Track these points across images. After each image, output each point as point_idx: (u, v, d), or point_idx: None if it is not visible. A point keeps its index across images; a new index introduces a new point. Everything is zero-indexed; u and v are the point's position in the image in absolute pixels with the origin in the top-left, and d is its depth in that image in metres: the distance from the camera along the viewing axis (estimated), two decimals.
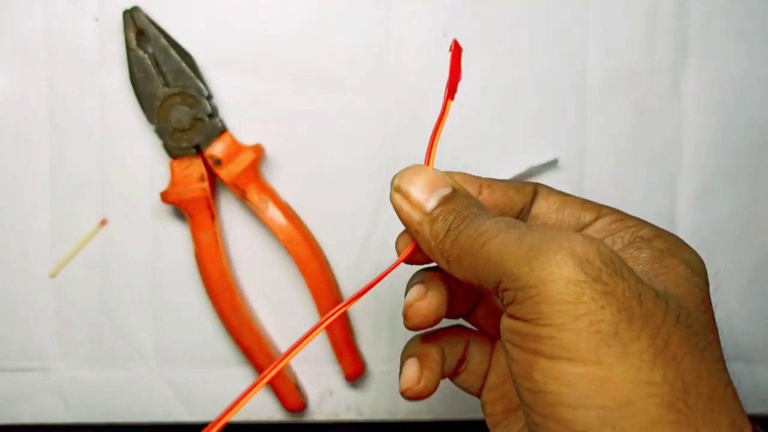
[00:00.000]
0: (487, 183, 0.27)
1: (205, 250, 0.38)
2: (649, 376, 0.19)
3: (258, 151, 0.38)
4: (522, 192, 0.27)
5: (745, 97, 0.40)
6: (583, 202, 0.27)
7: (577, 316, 0.19)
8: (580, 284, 0.19)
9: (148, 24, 0.37)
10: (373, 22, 0.39)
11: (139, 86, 0.37)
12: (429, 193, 0.25)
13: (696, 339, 0.20)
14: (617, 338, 0.19)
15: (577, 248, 0.20)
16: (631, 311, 0.19)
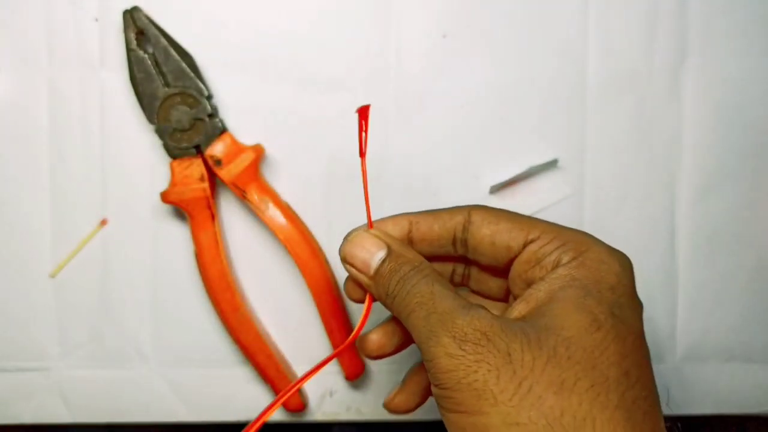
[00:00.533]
0: (415, 220, 0.30)
1: (205, 250, 0.38)
2: (516, 418, 0.24)
3: (258, 151, 0.38)
4: (450, 222, 0.30)
5: (745, 97, 0.40)
6: (513, 225, 0.29)
7: (458, 380, 0.25)
8: (458, 357, 0.25)
9: (148, 24, 0.37)
10: (373, 23, 0.39)
11: (139, 86, 0.37)
12: (368, 260, 0.29)
13: (568, 374, 0.24)
14: (489, 392, 0.24)
15: (458, 330, 0.25)
16: (499, 369, 0.24)
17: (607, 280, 0.27)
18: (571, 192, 0.40)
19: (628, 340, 0.25)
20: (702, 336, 0.41)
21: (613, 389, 0.24)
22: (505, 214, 0.30)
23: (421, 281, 0.27)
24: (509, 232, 0.29)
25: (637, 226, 0.41)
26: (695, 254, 0.41)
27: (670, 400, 0.42)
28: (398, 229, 0.30)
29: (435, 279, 0.28)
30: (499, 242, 0.29)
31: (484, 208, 0.30)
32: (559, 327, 0.25)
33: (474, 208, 0.30)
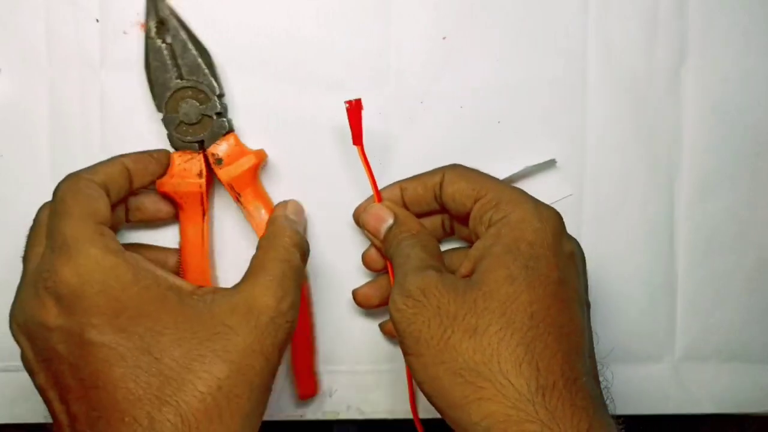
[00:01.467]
0: (404, 186, 0.37)
1: (190, 245, 0.38)
2: (442, 358, 0.29)
3: (260, 156, 0.38)
4: (430, 183, 0.36)
5: (744, 97, 0.40)
6: (468, 185, 0.35)
7: (403, 329, 0.31)
8: (402, 310, 0.31)
9: (170, 15, 0.37)
10: (373, 24, 0.39)
11: (152, 74, 0.38)
12: (379, 226, 0.36)
13: (481, 321, 0.29)
14: (423, 338, 0.30)
15: (406, 288, 0.31)
16: (430, 320, 0.30)
17: (525, 236, 0.31)
18: (571, 192, 0.40)
19: (538, 289, 0.30)
20: (701, 336, 0.41)
21: (517, 330, 0.29)
22: (469, 174, 0.36)
23: (408, 246, 0.34)
24: (464, 191, 0.35)
25: (637, 226, 0.41)
26: (695, 254, 0.41)
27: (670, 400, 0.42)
28: (393, 198, 0.37)
29: (419, 244, 0.34)
30: (458, 199, 0.35)
31: (456, 168, 0.36)
32: (482, 282, 0.30)
33: (448, 168, 0.36)
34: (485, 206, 0.33)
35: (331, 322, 0.41)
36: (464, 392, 0.29)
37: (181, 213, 0.38)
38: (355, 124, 0.35)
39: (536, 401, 0.28)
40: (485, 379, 0.28)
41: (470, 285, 0.30)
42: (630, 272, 0.41)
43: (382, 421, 0.41)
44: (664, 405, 0.42)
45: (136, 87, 0.39)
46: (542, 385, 0.28)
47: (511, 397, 0.28)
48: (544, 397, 0.28)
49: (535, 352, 0.29)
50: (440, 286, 0.31)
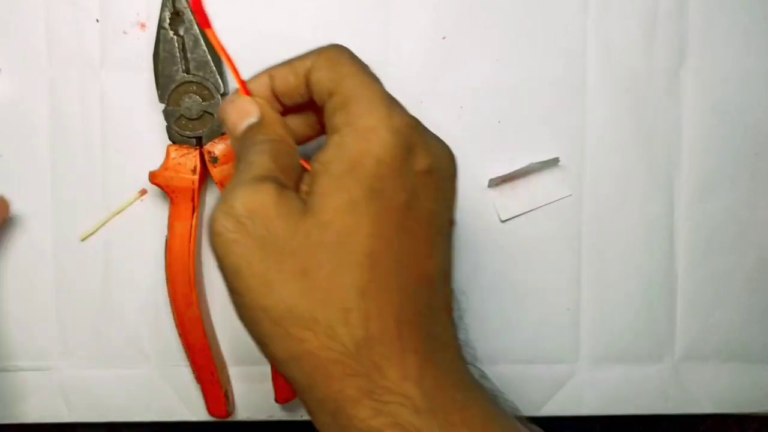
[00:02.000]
0: (273, 73, 0.30)
1: (177, 240, 0.38)
2: (263, 302, 0.25)
3: None
4: (299, 71, 0.29)
5: (744, 97, 0.40)
6: (327, 75, 0.28)
7: (221, 258, 0.26)
8: (221, 233, 0.25)
9: (186, 8, 0.37)
10: (373, 24, 0.39)
11: (159, 65, 0.37)
12: (239, 121, 0.30)
13: (311, 262, 0.25)
14: (251, 268, 0.25)
15: (230, 202, 0.25)
16: (251, 255, 0.25)
17: (372, 150, 0.26)
18: (571, 191, 0.40)
19: (383, 218, 0.25)
20: (701, 336, 0.41)
21: (352, 270, 0.25)
22: (339, 60, 0.28)
23: (257, 151, 0.28)
24: (323, 81, 0.28)
25: (637, 226, 0.41)
26: (695, 254, 0.41)
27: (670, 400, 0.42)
28: (262, 87, 0.30)
29: (270, 151, 0.28)
30: (317, 91, 0.29)
31: (333, 49, 0.29)
32: (318, 208, 0.25)
33: (323, 49, 0.29)
34: (335, 105, 0.28)
35: None
36: (287, 345, 0.25)
37: (171, 206, 0.38)
38: (195, 4, 0.30)
39: (362, 353, 0.24)
40: (308, 329, 0.25)
41: (305, 212, 0.26)
42: (630, 272, 0.41)
43: None
44: (664, 405, 0.42)
45: (136, 87, 0.39)
46: (371, 335, 0.24)
47: (336, 349, 0.24)
48: (371, 347, 0.24)
49: (370, 296, 0.25)
50: (272, 207, 0.25)
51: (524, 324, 0.41)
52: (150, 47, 0.38)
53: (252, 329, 0.26)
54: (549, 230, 0.40)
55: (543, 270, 0.41)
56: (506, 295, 0.41)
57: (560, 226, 0.40)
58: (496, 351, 0.41)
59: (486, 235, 0.40)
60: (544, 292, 0.41)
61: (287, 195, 0.26)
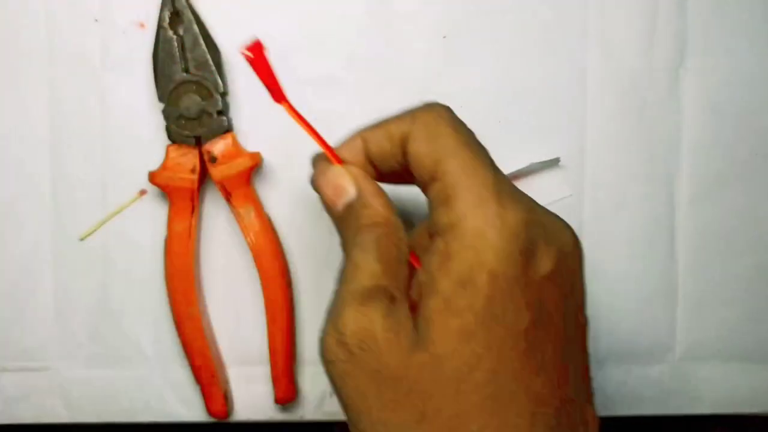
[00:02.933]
0: (366, 137, 0.28)
1: (176, 240, 0.38)
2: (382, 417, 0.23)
3: (255, 159, 0.38)
4: (395, 136, 0.27)
5: (744, 97, 0.40)
6: (430, 150, 0.25)
7: (336, 384, 0.24)
8: (335, 363, 0.24)
9: (185, 7, 0.37)
10: (373, 23, 0.39)
11: (158, 64, 0.37)
12: (336, 200, 0.28)
13: (428, 406, 0.22)
14: (355, 404, 0.24)
15: (342, 325, 0.24)
16: (366, 388, 0.23)
17: (485, 263, 0.22)
18: (571, 192, 0.40)
19: (506, 346, 0.22)
20: (702, 336, 0.41)
21: (474, 417, 0.22)
22: (440, 127, 0.25)
23: (360, 244, 0.26)
24: (424, 159, 0.25)
25: (637, 226, 0.41)
26: (695, 254, 0.41)
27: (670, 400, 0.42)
28: (355, 153, 0.28)
29: (374, 247, 0.25)
30: (416, 170, 0.26)
31: (431, 112, 0.26)
32: (429, 339, 0.22)
33: (420, 112, 0.26)
34: (437, 196, 0.24)
35: None
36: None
37: (170, 206, 0.38)
38: (266, 76, 0.28)
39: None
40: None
41: (417, 341, 0.23)
42: (630, 272, 0.41)
43: None
44: (664, 405, 0.42)
45: (136, 87, 0.39)
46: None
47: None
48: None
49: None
50: (383, 335, 0.23)
51: None
52: (149, 47, 0.38)
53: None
54: None
55: None
56: None
57: None
58: None
59: None
60: None
61: (397, 314, 0.24)
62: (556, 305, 0.23)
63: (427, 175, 0.25)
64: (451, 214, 0.23)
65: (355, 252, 0.25)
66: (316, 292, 0.40)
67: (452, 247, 0.23)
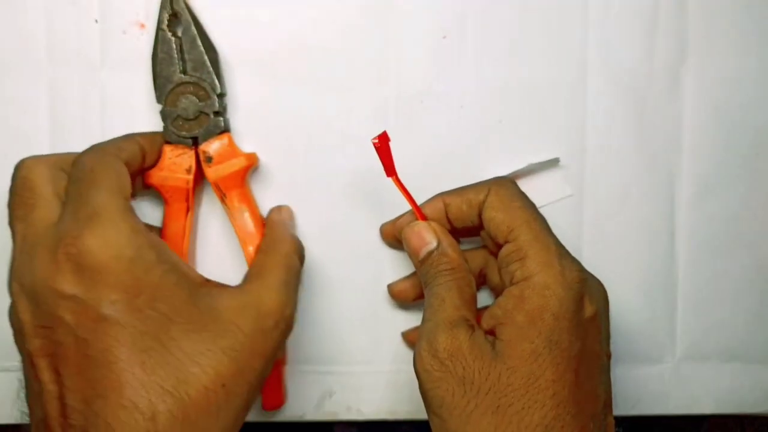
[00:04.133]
0: (448, 201, 0.36)
1: (170, 240, 0.38)
2: (464, 428, 0.30)
3: (251, 159, 0.38)
4: (473, 202, 0.35)
5: (745, 97, 0.41)
6: (506, 217, 0.33)
7: (427, 389, 0.31)
8: (428, 371, 0.31)
9: (184, 9, 0.37)
10: (374, 23, 0.39)
11: (157, 66, 0.37)
12: (420, 248, 0.35)
13: (504, 400, 0.29)
14: (446, 405, 0.30)
15: (435, 345, 0.31)
16: (454, 390, 0.30)
17: (550, 306, 0.30)
18: (571, 192, 0.40)
19: (561, 365, 0.30)
20: (702, 336, 0.41)
21: (538, 410, 0.29)
22: (509, 203, 0.34)
23: (444, 284, 0.33)
24: (500, 224, 0.33)
25: (637, 226, 0.41)
26: (695, 254, 0.41)
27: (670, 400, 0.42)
28: (436, 212, 0.36)
29: (455, 287, 0.33)
30: (492, 230, 0.34)
31: (501, 188, 0.34)
32: (507, 355, 0.30)
33: (494, 186, 0.35)
34: (512, 255, 0.33)
35: (329, 323, 0.41)
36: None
37: (166, 207, 0.38)
38: (385, 158, 0.34)
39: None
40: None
41: (495, 356, 0.30)
42: (630, 272, 0.41)
43: (382, 422, 0.41)
44: (664, 405, 0.42)
45: (136, 87, 0.39)
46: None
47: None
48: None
49: (554, 431, 0.29)
50: (468, 351, 0.30)
51: None
52: (149, 47, 0.38)
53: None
54: None
55: None
56: None
57: (561, 226, 0.40)
58: None
59: None
60: None
61: (478, 338, 0.31)
62: (594, 339, 0.32)
63: (502, 238, 0.33)
64: (524, 269, 0.32)
65: (440, 290, 0.33)
66: (309, 292, 0.40)
67: (525, 293, 0.31)
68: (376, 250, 0.40)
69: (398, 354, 0.41)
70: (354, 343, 0.41)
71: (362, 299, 0.40)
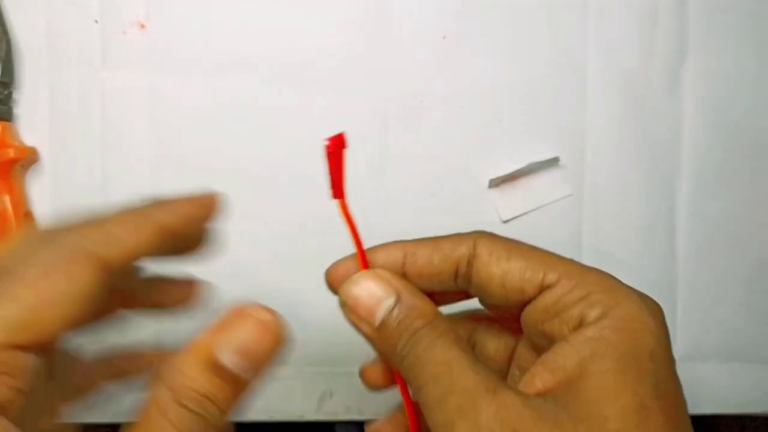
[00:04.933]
0: (411, 250, 0.26)
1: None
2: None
3: (22, 153, 0.38)
4: (453, 255, 0.26)
5: (744, 97, 0.41)
6: (527, 264, 0.25)
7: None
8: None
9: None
10: (374, 23, 0.39)
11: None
12: (374, 307, 0.25)
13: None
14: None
15: (482, 424, 0.21)
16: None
17: (644, 344, 0.23)
18: (571, 191, 0.40)
19: (674, 421, 0.22)
20: (702, 336, 0.41)
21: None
22: (517, 247, 0.25)
23: (436, 344, 0.24)
24: (522, 273, 0.25)
25: (637, 226, 0.41)
26: (695, 254, 0.41)
27: None
28: (391, 261, 0.26)
29: (453, 341, 0.24)
30: (511, 284, 0.25)
31: (492, 238, 0.26)
32: (602, 417, 0.21)
33: (480, 237, 0.26)
34: (567, 297, 0.24)
35: (328, 323, 0.41)
36: None
37: None
38: (335, 169, 0.26)
39: None
40: None
41: (582, 420, 0.21)
42: (630, 272, 0.41)
43: None
44: None
45: (136, 87, 0.39)
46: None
47: None
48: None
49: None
50: (537, 420, 0.21)
51: None
52: (149, 47, 0.38)
53: None
54: (549, 230, 0.40)
55: None
56: None
57: (561, 225, 0.40)
58: None
59: None
60: None
61: (535, 402, 0.22)
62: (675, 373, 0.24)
63: (532, 288, 0.24)
64: (596, 307, 0.23)
65: (433, 354, 0.23)
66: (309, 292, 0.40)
67: (607, 334, 0.23)
68: None
69: None
70: (354, 343, 0.41)
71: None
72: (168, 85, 0.39)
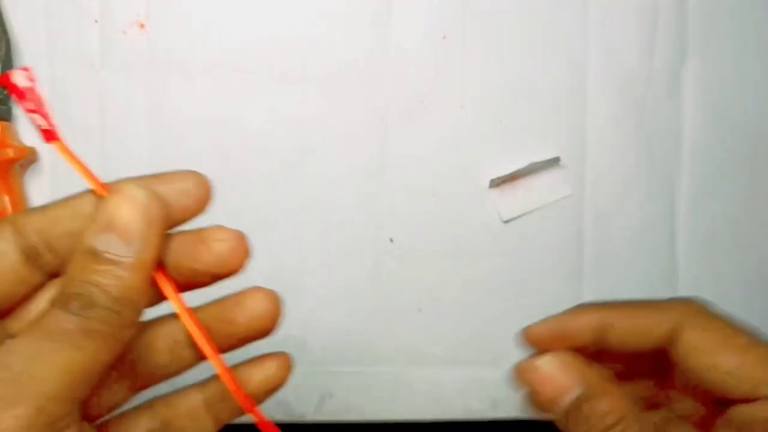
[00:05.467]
0: (609, 321, 0.24)
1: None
2: None
3: (21, 152, 0.37)
4: (654, 332, 0.24)
5: (744, 97, 0.41)
6: (744, 360, 0.23)
7: None
8: None
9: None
10: (374, 23, 0.39)
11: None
12: (557, 397, 0.23)
13: None
14: None
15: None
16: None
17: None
18: (571, 191, 0.40)
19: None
20: None
21: None
22: (732, 336, 0.23)
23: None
24: (739, 372, 0.22)
25: (637, 226, 0.41)
26: (695, 254, 0.41)
27: None
28: (588, 333, 0.25)
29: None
30: (713, 381, 0.23)
31: (702, 318, 0.24)
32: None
33: (687, 316, 0.24)
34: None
35: (328, 324, 0.41)
36: None
37: None
38: (37, 109, 0.23)
39: None
40: None
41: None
42: (630, 272, 0.41)
43: (382, 423, 0.41)
44: None
45: (136, 87, 0.39)
46: None
47: None
48: None
49: None
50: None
51: (525, 324, 0.41)
52: (149, 47, 0.38)
53: None
54: (550, 230, 0.40)
55: (544, 270, 0.40)
56: (508, 295, 0.41)
57: (561, 225, 0.40)
58: (498, 351, 0.41)
59: (487, 236, 0.40)
60: (545, 292, 0.41)
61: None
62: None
63: (740, 393, 0.23)
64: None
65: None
66: (309, 292, 0.40)
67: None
68: (376, 248, 0.40)
69: (397, 354, 0.41)
70: (354, 343, 0.41)
71: (362, 300, 0.40)
72: (168, 85, 0.39)
